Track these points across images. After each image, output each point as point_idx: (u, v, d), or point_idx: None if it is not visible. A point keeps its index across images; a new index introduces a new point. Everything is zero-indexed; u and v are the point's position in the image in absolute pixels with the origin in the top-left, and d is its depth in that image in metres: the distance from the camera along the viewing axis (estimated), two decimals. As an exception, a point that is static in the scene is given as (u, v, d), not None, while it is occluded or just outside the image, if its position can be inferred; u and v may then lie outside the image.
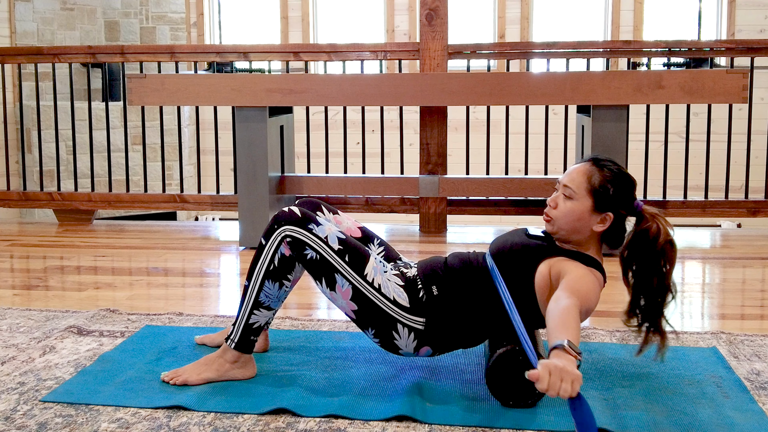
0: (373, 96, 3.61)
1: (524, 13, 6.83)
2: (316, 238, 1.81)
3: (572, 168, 1.88)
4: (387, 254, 2.06)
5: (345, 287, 1.81)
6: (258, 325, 1.88)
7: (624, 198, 1.83)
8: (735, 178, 4.18)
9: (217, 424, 1.67)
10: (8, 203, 4.45)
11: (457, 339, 1.86)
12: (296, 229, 1.82)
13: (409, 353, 1.85)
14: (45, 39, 6.20)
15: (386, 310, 1.81)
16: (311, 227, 1.82)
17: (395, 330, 1.82)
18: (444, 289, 1.85)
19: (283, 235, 1.82)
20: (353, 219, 2.12)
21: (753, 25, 6.44)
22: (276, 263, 1.83)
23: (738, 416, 1.70)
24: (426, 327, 1.82)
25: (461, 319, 1.83)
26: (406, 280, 1.86)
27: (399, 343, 1.83)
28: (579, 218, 1.82)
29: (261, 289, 1.85)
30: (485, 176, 3.86)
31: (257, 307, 1.86)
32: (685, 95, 3.39)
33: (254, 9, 7.31)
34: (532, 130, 4.04)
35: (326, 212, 2.07)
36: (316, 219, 1.85)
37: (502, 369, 1.74)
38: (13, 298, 2.76)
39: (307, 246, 1.81)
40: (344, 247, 1.82)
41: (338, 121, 4.75)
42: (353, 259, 1.82)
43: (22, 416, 1.71)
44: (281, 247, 1.83)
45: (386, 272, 1.86)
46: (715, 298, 2.82)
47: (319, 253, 1.81)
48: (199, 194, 4.24)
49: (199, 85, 3.64)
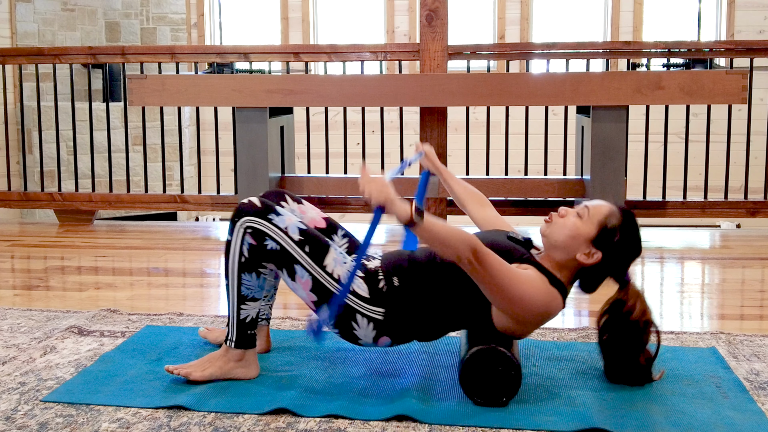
0: (373, 97, 3.62)
1: (524, 14, 6.84)
2: (276, 228, 1.81)
3: (600, 201, 1.89)
4: (351, 245, 2.05)
5: (305, 278, 1.82)
6: (250, 318, 1.88)
7: (621, 253, 1.82)
8: (734, 178, 4.19)
9: (218, 424, 1.68)
10: (9, 203, 4.45)
11: (416, 330, 1.86)
12: (256, 219, 1.82)
13: (369, 343, 1.86)
14: (46, 40, 6.20)
15: (345, 300, 1.82)
16: (271, 217, 1.82)
17: (354, 320, 1.82)
18: (406, 280, 1.85)
19: (245, 227, 1.82)
20: (318, 209, 2.11)
21: (752, 26, 6.44)
22: (246, 255, 1.83)
23: (737, 416, 1.71)
24: (385, 317, 1.82)
25: (421, 310, 1.84)
26: (366, 272, 1.87)
27: (358, 333, 1.84)
28: (573, 237, 1.81)
29: (240, 283, 1.85)
30: (485, 177, 3.87)
31: (242, 301, 1.86)
32: (685, 96, 3.39)
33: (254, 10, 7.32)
34: (531, 131, 4.05)
35: (290, 202, 2.06)
36: (276, 209, 1.84)
37: (475, 368, 1.75)
38: (14, 299, 2.77)
39: (267, 236, 1.81)
40: (305, 238, 1.82)
41: (338, 122, 4.76)
42: (313, 249, 1.82)
43: (23, 416, 1.72)
44: (246, 238, 1.82)
45: (346, 263, 1.86)
46: (714, 298, 2.83)
47: (279, 243, 1.81)
48: (200, 195, 4.25)
49: (200, 85, 3.64)
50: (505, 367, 1.74)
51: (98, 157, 5.45)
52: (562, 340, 2.23)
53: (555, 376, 1.94)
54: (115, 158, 5.42)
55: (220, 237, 4.02)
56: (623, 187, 3.48)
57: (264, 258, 1.83)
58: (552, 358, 2.06)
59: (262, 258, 1.83)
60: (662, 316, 2.57)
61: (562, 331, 2.31)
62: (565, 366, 2.01)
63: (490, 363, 1.75)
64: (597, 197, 3.45)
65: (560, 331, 2.31)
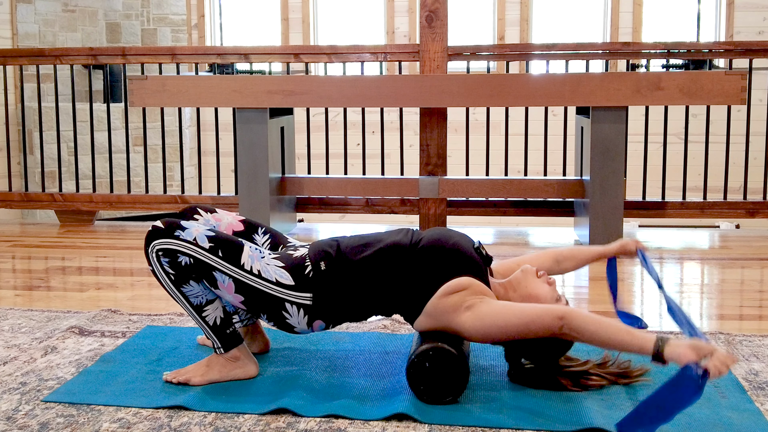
0: (373, 97, 3.63)
1: (524, 15, 6.85)
2: (184, 242, 1.81)
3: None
4: (274, 241, 2.06)
5: (226, 282, 1.83)
6: (219, 319, 1.88)
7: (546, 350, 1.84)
8: (733, 179, 4.19)
9: (218, 424, 1.68)
10: (10, 204, 4.46)
11: (346, 312, 1.89)
12: (163, 240, 1.82)
13: (304, 329, 1.88)
14: (46, 41, 6.21)
15: (271, 293, 1.83)
16: (177, 234, 1.82)
17: (284, 310, 1.84)
18: (333, 264, 1.87)
19: (155, 250, 1.82)
20: (234, 214, 2.12)
21: (752, 27, 6.45)
22: (172, 271, 1.83)
23: (735, 416, 1.71)
24: (314, 302, 1.85)
25: (348, 291, 1.86)
26: (289, 260, 1.88)
27: (291, 321, 1.86)
28: (528, 297, 1.87)
29: (187, 297, 1.85)
30: (485, 177, 3.88)
31: (200, 310, 1.87)
32: (684, 97, 3.40)
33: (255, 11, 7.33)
34: (531, 132, 4.06)
35: (203, 213, 2.06)
36: (181, 224, 1.84)
37: (423, 365, 1.75)
38: (15, 299, 2.78)
39: (179, 252, 1.81)
40: (215, 244, 1.83)
41: (338, 123, 4.77)
42: (226, 252, 1.83)
43: (23, 416, 1.72)
44: (162, 260, 1.82)
45: (264, 257, 1.87)
46: (713, 298, 2.83)
47: (192, 256, 1.81)
48: (200, 195, 4.26)
49: (200, 86, 3.65)
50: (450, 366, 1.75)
51: (99, 157, 5.46)
52: (561, 340, 2.24)
53: (554, 376, 1.94)
54: (116, 159, 5.43)
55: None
56: (623, 188, 3.49)
57: (185, 273, 1.83)
58: (551, 359, 2.07)
59: (182, 271, 1.83)
60: (661, 316, 2.58)
61: (562, 331, 2.31)
62: (564, 366, 2.01)
63: (439, 362, 1.75)
64: (597, 198, 3.47)
65: (559, 331, 2.31)
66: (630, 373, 1.89)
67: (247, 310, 1.89)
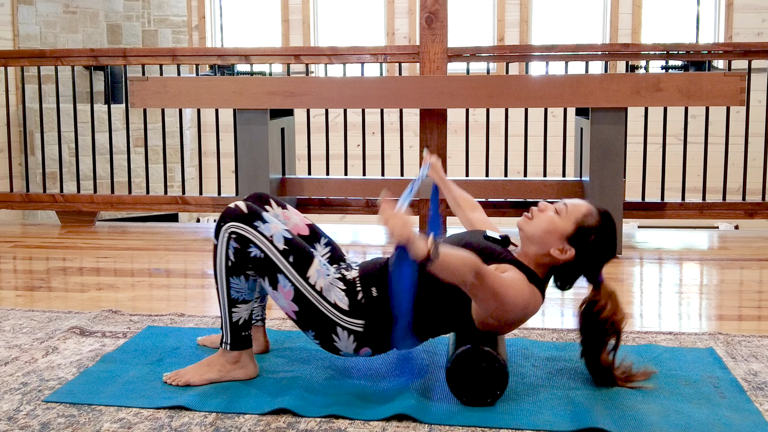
0: (373, 99, 3.63)
1: (523, 17, 6.85)
2: (261, 236, 1.81)
3: (581, 200, 1.91)
4: (333, 254, 2.06)
5: (287, 288, 1.81)
6: (243, 320, 1.88)
7: (595, 253, 1.85)
8: (732, 180, 4.20)
9: (219, 424, 1.69)
10: (11, 205, 4.47)
11: (391, 341, 1.86)
12: (241, 225, 1.81)
13: (350, 354, 1.86)
14: (48, 42, 6.22)
15: (326, 313, 1.82)
16: (257, 224, 1.81)
17: (335, 333, 1.82)
18: (383, 289, 1.85)
19: (229, 232, 1.81)
20: (302, 215, 2.11)
21: (750, 28, 6.45)
22: (233, 258, 1.82)
23: (734, 416, 1.72)
24: (365, 329, 1.83)
25: None
26: (346, 284, 1.86)
27: (339, 345, 1.84)
28: (550, 232, 1.84)
29: (230, 287, 1.85)
30: (484, 178, 3.88)
31: (233, 304, 1.86)
32: (683, 98, 3.40)
33: (255, 12, 7.33)
34: (531, 133, 4.06)
35: (275, 206, 2.05)
36: (263, 216, 1.84)
37: (462, 368, 1.76)
38: (16, 299, 2.78)
39: (252, 243, 1.80)
40: (289, 248, 1.82)
41: (339, 124, 4.77)
42: (298, 260, 1.82)
43: (25, 416, 1.73)
44: (231, 243, 1.81)
45: (329, 275, 1.85)
46: (712, 299, 2.84)
47: (263, 251, 1.80)
48: (201, 196, 4.27)
49: (201, 87, 3.66)
50: (490, 366, 1.76)
51: (100, 158, 5.47)
52: (561, 340, 2.25)
53: (554, 376, 1.95)
54: (117, 160, 5.44)
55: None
56: (622, 189, 3.49)
57: (248, 263, 1.82)
58: (551, 359, 2.07)
59: (246, 263, 1.82)
60: (661, 316, 2.59)
61: (561, 331, 2.32)
62: (564, 366, 2.02)
63: (477, 363, 1.76)
64: (596, 198, 3.47)
65: (559, 331, 2.32)
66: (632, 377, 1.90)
67: (296, 321, 1.86)
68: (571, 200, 1.90)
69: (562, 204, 1.88)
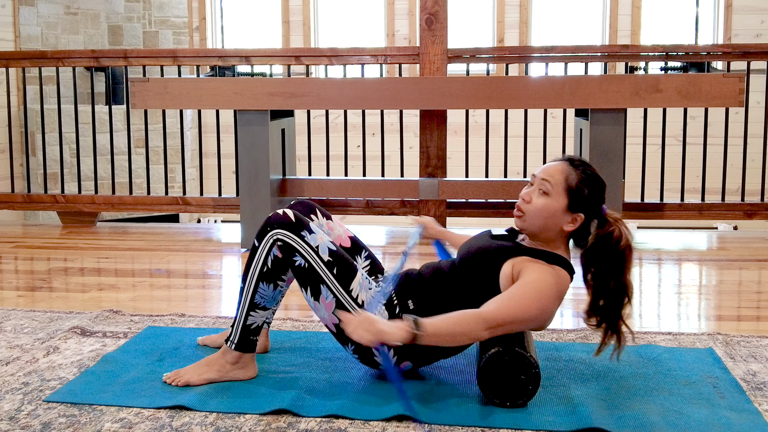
0: (373, 100, 3.64)
1: (523, 18, 6.86)
2: (307, 246, 1.81)
3: (549, 165, 1.87)
4: (373, 267, 2.06)
5: (329, 299, 1.81)
6: (256, 325, 1.89)
7: (596, 201, 1.84)
8: (731, 180, 4.21)
9: (219, 424, 1.70)
10: (12, 206, 4.48)
11: (436, 351, 1.85)
12: (288, 233, 1.81)
13: (390, 368, 1.84)
14: (49, 43, 6.23)
15: None
16: (303, 234, 1.81)
17: (375, 347, 1.81)
18: (419, 302, 1.85)
19: (274, 239, 1.82)
20: (345, 227, 2.11)
21: (749, 30, 6.46)
22: (269, 265, 1.83)
23: (734, 417, 1.72)
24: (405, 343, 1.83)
25: None
26: (386, 297, 1.86)
27: (378, 359, 1.84)
28: (552, 215, 1.82)
29: (256, 291, 1.85)
30: (484, 179, 3.89)
31: (253, 308, 1.87)
32: (682, 99, 3.41)
33: (256, 13, 7.34)
34: (530, 134, 4.07)
35: (320, 216, 2.06)
36: (309, 226, 1.84)
37: (493, 370, 1.76)
38: (18, 300, 2.79)
39: (297, 252, 1.80)
40: (334, 259, 1.81)
41: (339, 125, 4.78)
42: (341, 272, 1.81)
43: (26, 416, 1.74)
44: (273, 250, 1.82)
45: (371, 289, 1.85)
46: (711, 299, 2.85)
47: (308, 261, 1.80)
48: (202, 197, 4.27)
49: (202, 88, 3.67)
50: (524, 369, 1.75)
51: (101, 159, 5.48)
52: (560, 341, 2.25)
53: (554, 376, 1.95)
54: (118, 160, 5.45)
55: (222, 239, 4.05)
56: (621, 189, 3.50)
57: (287, 271, 1.82)
58: (551, 359, 2.08)
59: (285, 271, 1.82)
60: (660, 317, 2.60)
61: (561, 332, 2.33)
62: (563, 366, 2.02)
63: (509, 364, 1.75)
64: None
65: (559, 332, 2.33)
66: None
67: (336, 334, 1.86)
68: (545, 171, 1.85)
69: (541, 181, 1.83)
